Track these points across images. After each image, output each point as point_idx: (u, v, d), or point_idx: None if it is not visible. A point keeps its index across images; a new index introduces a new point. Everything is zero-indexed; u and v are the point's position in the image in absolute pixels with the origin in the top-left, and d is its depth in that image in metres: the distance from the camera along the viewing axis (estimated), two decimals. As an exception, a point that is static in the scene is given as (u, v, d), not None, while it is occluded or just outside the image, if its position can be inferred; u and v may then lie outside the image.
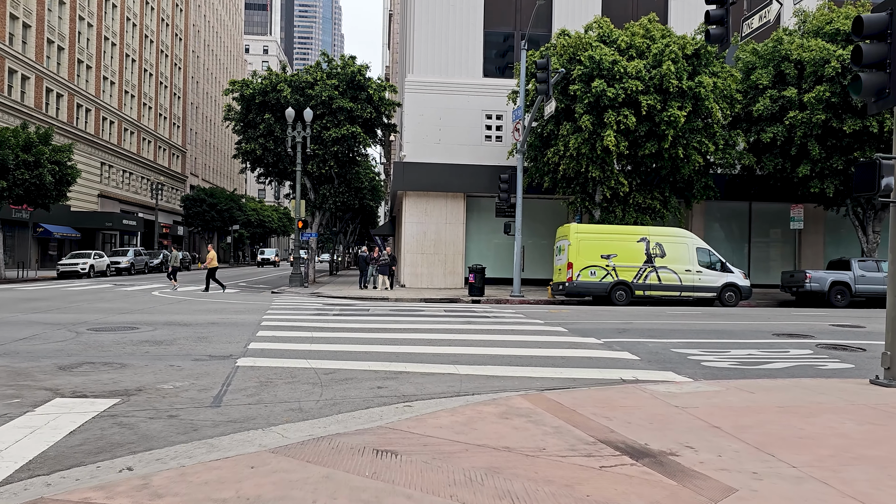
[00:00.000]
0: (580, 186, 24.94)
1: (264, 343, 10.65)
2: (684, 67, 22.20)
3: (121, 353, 9.48)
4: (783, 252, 31.79)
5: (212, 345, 10.43)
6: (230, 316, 14.95)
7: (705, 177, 25.20)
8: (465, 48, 29.56)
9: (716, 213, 31.10)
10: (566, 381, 8.53)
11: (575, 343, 11.62)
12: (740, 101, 24.07)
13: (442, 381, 8.19)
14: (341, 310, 17.42)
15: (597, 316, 16.95)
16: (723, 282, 22.62)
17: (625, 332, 13.21)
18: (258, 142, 31.37)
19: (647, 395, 7.35)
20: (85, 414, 6.08)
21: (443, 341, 11.41)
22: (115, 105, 60.18)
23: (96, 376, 7.76)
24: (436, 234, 29.71)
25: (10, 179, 31.06)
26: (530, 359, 9.95)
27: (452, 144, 29.43)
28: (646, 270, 22.24)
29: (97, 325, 12.73)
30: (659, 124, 22.35)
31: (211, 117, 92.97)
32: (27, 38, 46.09)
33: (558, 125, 24.16)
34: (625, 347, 11.25)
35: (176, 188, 77.73)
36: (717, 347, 11.50)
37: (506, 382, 8.31)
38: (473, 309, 18.87)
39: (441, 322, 14.54)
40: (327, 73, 31.38)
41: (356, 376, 8.30)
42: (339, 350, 10.18)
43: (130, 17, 63.68)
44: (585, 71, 22.52)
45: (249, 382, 7.69)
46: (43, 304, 17.32)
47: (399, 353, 10.09)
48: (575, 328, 13.77)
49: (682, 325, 14.97)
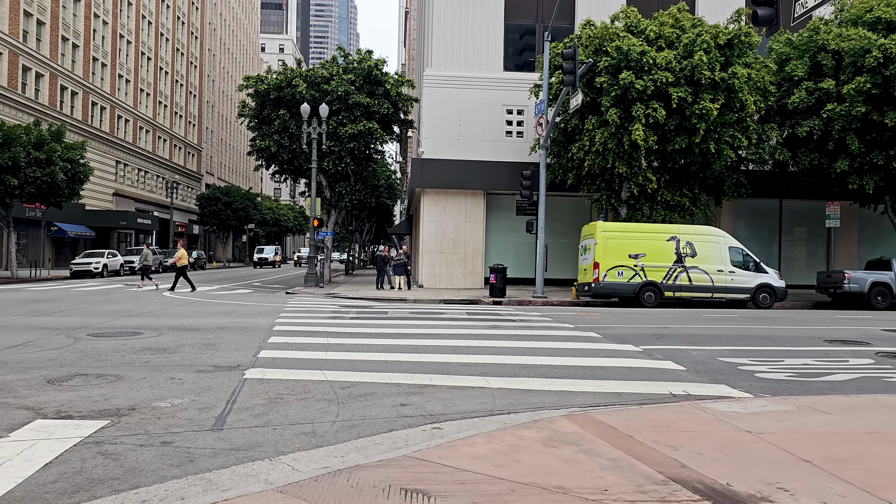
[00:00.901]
0: (606, 183, 23.95)
1: (276, 351, 9.82)
2: (716, 58, 21.15)
3: (118, 362, 8.68)
4: (815, 251, 30.59)
5: (219, 353, 9.61)
6: (241, 319, 14.16)
7: (736, 173, 24.13)
8: (485, 41, 28.64)
9: (744, 210, 29.96)
10: (610, 396, 7.62)
11: (612, 351, 10.69)
12: (774, 93, 22.98)
13: (472, 397, 7.31)
14: (358, 312, 16.58)
15: (629, 319, 15.99)
16: (757, 282, 21.57)
17: (663, 339, 12.26)
18: (273, 138, 30.65)
19: (709, 415, 6.43)
20: (66, 441, 5.26)
21: (469, 349, 10.53)
22: (130, 103, 59.83)
23: (86, 392, 6.95)
24: (455, 233, 28.83)
25: (22, 177, 30.57)
26: (566, 369, 9.05)
27: (472, 140, 28.52)
28: (676, 271, 21.23)
29: (99, 329, 11.96)
30: (689, 118, 21.31)
31: (226, 116, 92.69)
32: (41, 35, 45.73)
33: (583, 119, 23.19)
34: (667, 356, 10.31)
35: (191, 187, 77.42)
36: (768, 356, 10.53)
37: (543, 398, 7.42)
38: (496, 311, 17.97)
39: (465, 326, 13.66)
40: (343, 67, 30.59)
41: (376, 391, 7.44)
42: (357, 359, 9.33)
43: (146, 15, 63.32)
44: (612, 62, 21.53)
45: (257, 399, 6.85)
46: (47, 306, 16.63)
47: (423, 362, 9.23)
48: (609, 333, 12.84)
49: (722, 329, 13.98)
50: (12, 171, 30.16)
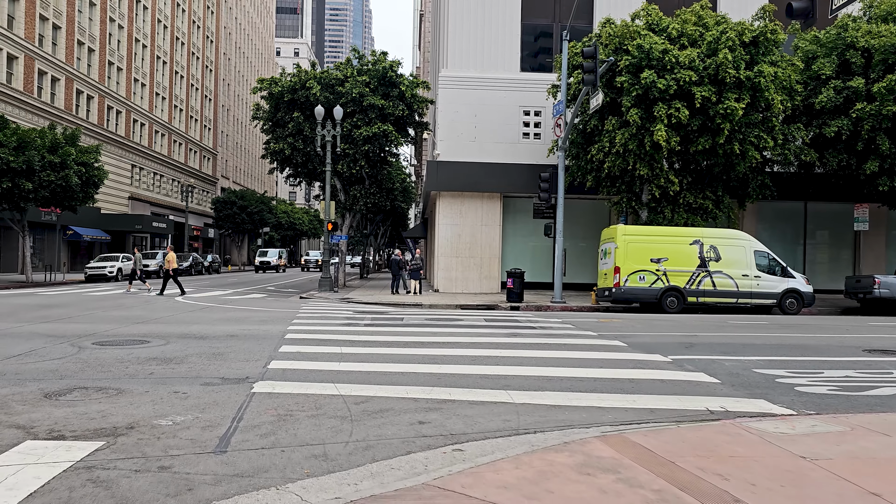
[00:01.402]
0: (626, 185, 23.35)
1: (287, 361, 9.37)
2: (741, 56, 20.51)
3: (121, 374, 8.26)
4: (841, 255, 29.80)
5: (227, 363, 9.18)
6: (252, 327, 13.73)
7: (761, 174, 23.46)
8: (501, 41, 28.14)
9: (768, 213, 29.23)
10: (642, 412, 7.10)
11: (639, 361, 10.15)
12: (800, 92, 22.29)
13: (495, 413, 6.82)
14: (373, 319, 16.12)
15: (653, 326, 15.41)
16: (783, 288, 20.90)
17: (692, 348, 11.69)
18: (287, 141, 30.33)
19: (756, 437, 5.89)
20: (55, 465, 4.82)
21: (489, 359, 10.02)
22: (145, 107, 59.91)
23: (84, 407, 6.52)
24: (471, 237, 28.32)
25: (36, 181, 30.43)
26: (593, 382, 8.53)
27: (488, 142, 28.03)
28: (699, 275, 20.61)
29: (105, 337, 11.58)
30: (713, 118, 20.68)
31: (242, 119, 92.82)
32: (57, 39, 45.79)
33: (603, 120, 22.63)
34: (698, 367, 9.75)
35: (207, 190, 77.49)
36: (806, 367, 9.94)
37: (571, 415, 6.90)
38: (515, 317, 17.45)
39: (483, 334, 13.16)
40: (358, 69, 30.23)
41: (393, 406, 6.96)
42: (371, 371, 8.86)
43: (161, 19, 63.43)
44: (633, 61, 20.95)
45: (265, 416, 6.39)
46: (56, 312, 16.31)
47: (441, 374, 8.74)
48: (634, 342, 12.29)
49: (754, 338, 13.38)
50: (27, 174, 30.03)
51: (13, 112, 40.04)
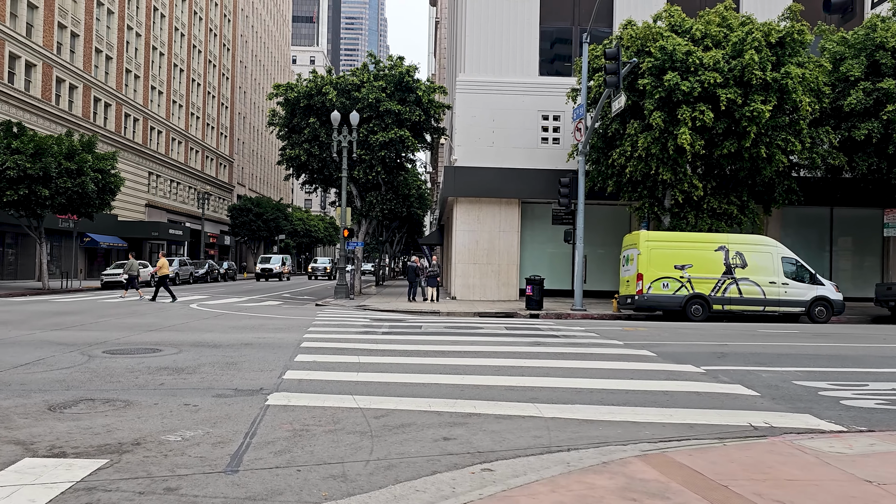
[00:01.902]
0: (648, 190, 22.84)
1: (303, 371, 8.98)
2: (768, 57, 19.99)
3: (130, 385, 7.90)
4: (868, 262, 29.05)
5: (241, 373, 8.80)
6: (267, 335, 13.38)
7: (788, 179, 22.86)
8: (519, 45, 27.76)
9: (793, 219, 28.55)
10: (681, 428, 6.63)
11: (671, 372, 9.66)
12: (828, 94, 21.71)
13: (524, 429, 6.38)
14: (391, 327, 15.72)
15: (680, 335, 14.89)
16: (812, 295, 20.27)
17: (725, 358, 11.18)
18: (303, 147, 30.09)
19: (811, 457, 5.41)
20: (53, 487, 4.45)
21: (513, 369, 9.58)
22: (162, 114, 60.12)
23: (89, 421, 6.16)
24: (489, 243, 27.89)
25: (53, 188, 30.39)
26: (625, 394, 8.06)
27: (506, 147, 27.62)
28: (725, 282, 20.04)
29: (116, 346, 11.26)
30: (739, 121, 20.16)
31: (258, 127, 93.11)
32: (75, 47, 46.01)
33: (624, 124, 22.16)
34: (734, 378, 9.26)
35: (223, 198, 77.66)
36: (848, 379, 9.41)
37: (606, 430, 6.45)
38: (536, 325, 16.98)
39: (505, 343, 12.71)
40: (374, 74, 29.97)
41: (415, 421, 6.54)
42: (391, 381, 8.45)
43: (178, 28, 63.73)
44: (656, 63, 20.49)
45: (280, 431, 5.99)
46: (69, 320, 16.05)
47: (464, 385, 8.31)
48: (663, 351, 11.79)
49: (788, 348, 12.84)
50: (43, 181, 29.99)
51: (31, 119, 40.20)
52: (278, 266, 57.87)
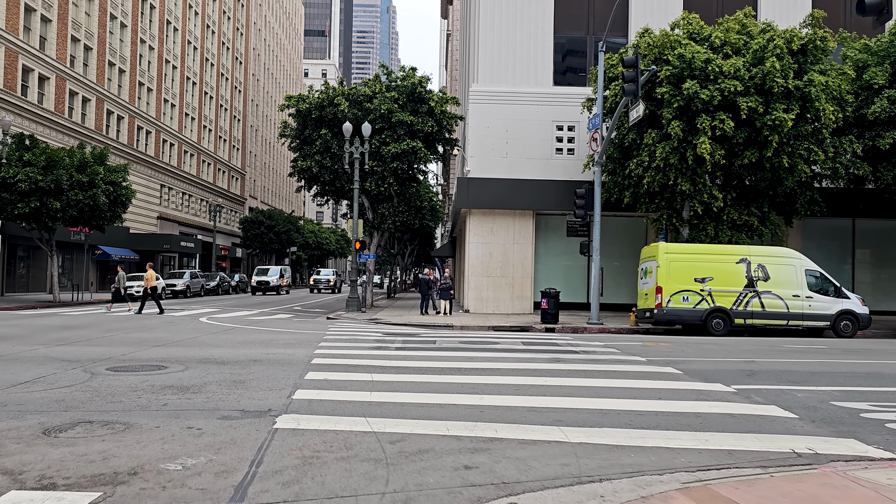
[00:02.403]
0: (666, 201, 22.35)
1: (313, 391, 8.56)
2: (790, 65, 19.51)
3: (132, 405, 7.50)
4: (891, 275, 28.34)
5: (248, 392, 8.39)
6: (277, 350, 12.97)
7: (810, 189, 22.31)
8: (533, 55, 27.41)
9: (814, 230, 27.93)
10: (719, 454, 6.15)
11: (701, 392, 9.16)
12: (851, 102, 21.18)
13: (550, 456, 5.92)
14: (404, 341, 15.29)
15: (704, 351, 14.36)
16: (837, 309, 19.68)
17: (755, 376, 10.66)
18: (314, 158, 29.82)
19: (870, 490, 4.92)
20: (37, 524, 4.03)
21: (534, 388, 9.12)
22: (175, 127, 60.23)
23: (85, 447, 5.76)
24: (502, 256, 27.43)
25: (64, 200, 30.26)
26: (655, 417, 7.58)
27: (520, 158, 27.22)
28: (747, 296, 19.48)
29: (121, 362, 10.88)
30: (760, 129, 19.66)
31: (270, 140, 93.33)
32: (89, 60, 46.15)
33: (641, 133, 21.71)
34: (768, 398, 8.75)
35: (235, 210, 77.69)
36: (890, 399, 8.89)
37: (638, 457, 5.98)
38: (553, 340, 16.49)
39: (523, 359, 12.24)
40: (386, 85, 29.71)
41: (433, 446, 6.10)
42: (406, 401, 8.01)
43: (191, 41, 63.98)
44: (674, 71, 20.06)
45: (289, 458, 5.56)
46: (75, 334, 15.71)
47: (483, 406, 7.85)
48: (688, 369, 11.28)
49: (819, 365, 12.29)
50: (55, 194, 29.88)
51: (44, 132, 40.24)
52: (276, 278, 53.26)
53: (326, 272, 64.49)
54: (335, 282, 62.09)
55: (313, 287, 62.25)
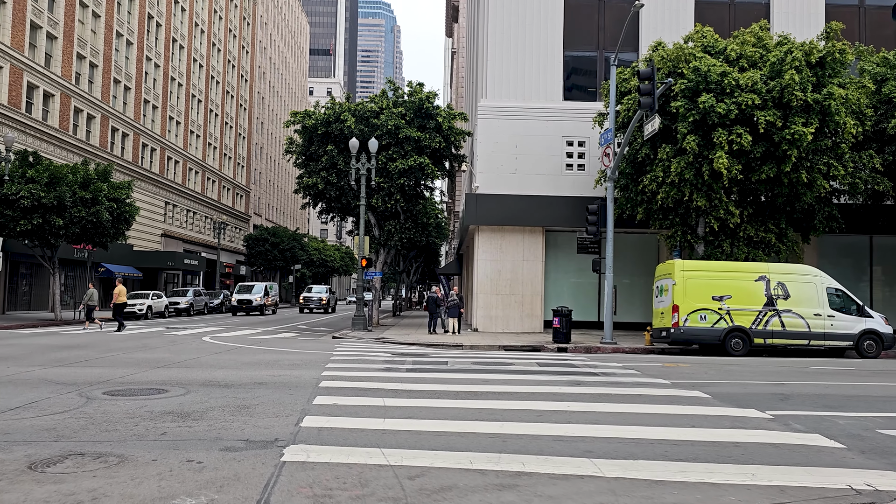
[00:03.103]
0: (680, 218, 21.83)
1: (323, 417, 8.00)
2: (808, 78, 19.06)
3: (128, 434, 6.95)
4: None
5: (253, 419, 7.84)
6: (283, 372, 12.41)
7: (829, 205, 21.77)
8: (542, 70, 27.03)
9: (829, 247, 27.32)
10: (770, 491, 5.59)
11: (735, 418, 8.57)
12: (870, 116, 20.70)
13: (585, 493, 5.36)
14: (414, 362, 14.72)
15: (728, 373, 13.76)
16: (860, 328, 19.05)
17: (788, 400, 10.08)
18: (320, 175, 29.41)
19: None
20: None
21: (557, 414, 8.55)
22: (180, 144, 60.05)
23: (73, 484, 5.21)
24: (512, 273, 26.88)
25: (67, 217, 29.88)
26: (692, 447, 7.01)
27: (530, 174, 26.74)
28: (766, 314, 18.88)
29: (119, 385, 10.33)
30: (779, 144, 19.17)
31: (275, 157, 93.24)
32: (94, 77, 46.02)
33: (655, 148, 21.23)
34: (808, 426, 8.18)
35: (239, 228, 77.36)
36: (940, 427, 8.29)
37: (683, 495, 5.42)
38: (569, 361, 15.90)
39: (541, 382, 11.66)
40: (393, 101, 29.36)
41: (455, 482, 5.54)
42: (422, 430, 7.45)
43: (197, 58, 63.99)
44: (689, 85, 19.63)
45: (298, 498, 5.01)
46: (73, 354, 15.18)
47: (506, 435, 7.29)
48: (716, 392, 10.70)
49: (851, 388, 11.70)
50: (58, 210, 29.50)
51: (48, 149, 39.98)
52: (259, 297, 45.97)
53: (319, 289, 56.02)
54: (328, 300, 54.09)
55: (303, 306, 53.77)
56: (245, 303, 45.37)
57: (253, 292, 46.35)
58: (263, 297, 46.32)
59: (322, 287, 57.32)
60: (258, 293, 46.34)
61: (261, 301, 45.86)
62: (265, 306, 46.45)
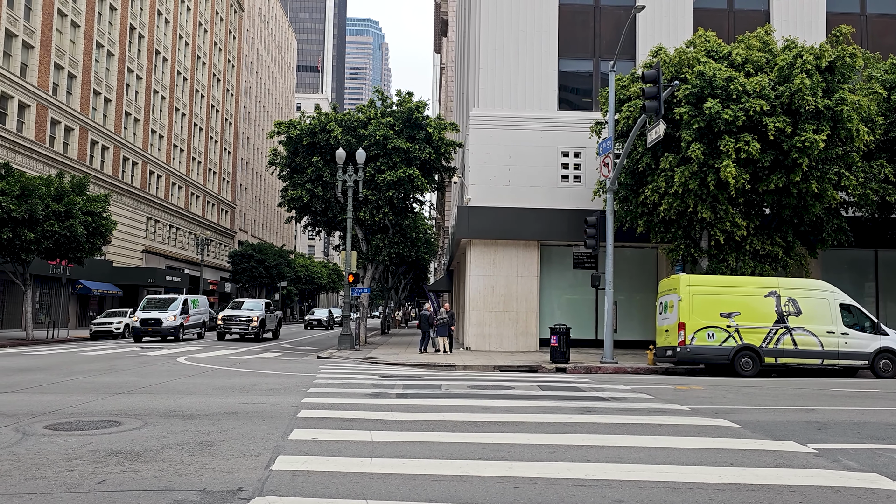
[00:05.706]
0: (683, 230, 20.80)
1: (299, 457, 6.78)
2: (818, 83, 18.15)
3: (57, 483, 5.69)
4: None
5: (215, 460, 6.59)
6: (258, 399, 11.14)
7: (837, 218, 20.82)
8: (536, 78, 26.07)
9: (834, 261, 26.38)
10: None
11: (777, 454, 7.41)
12: (881, 124, 19.83)
13: (628, 565, 4.18)
14: (405, 386, 13.48)
15: (748, 396, 12.62)
16: (876, 347, 18.05)
17: (827, 430, 8.95)
18: (305, 187, 28.20)
19: None
20: None
21: (572, 450, 7.35)
22: (163, 158, 58.68)
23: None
24: (505, 289, 25.72)
25: (39, 231, 28.48)
26: (738, 492, 5.86)
27: (524, 186, 25.68)
28: (777, 332, 17.83)
29: (67, 416, 9.04)
30: (788, 152, 18.21)
31: (261, 173, 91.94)
32: (72, 88, 44.73)
33: (656, 158, 20.24)
34: (862, 463, 7.06)
35: (224, 244, 75.84)
36: None
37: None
38: (573, 383, 14.71)
39: (547, 409, 10.47)
40: (382, 111, 28.27)
41: (462, 550, 4.34)
42: (417, 473, 6.24)
43: (181, 72, 62.81)
44: (693, 90, 18.68)
45: (257, 581, 3.79)
46: (29, 378, 13.82)
47: (517, 479, 6.10)
48: (743, 420, 9.55)
49: (889, 414, 10.59)
50: (29, 224, 28.10)
51: (23, 161, 38.56)
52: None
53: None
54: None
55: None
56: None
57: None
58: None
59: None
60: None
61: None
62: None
